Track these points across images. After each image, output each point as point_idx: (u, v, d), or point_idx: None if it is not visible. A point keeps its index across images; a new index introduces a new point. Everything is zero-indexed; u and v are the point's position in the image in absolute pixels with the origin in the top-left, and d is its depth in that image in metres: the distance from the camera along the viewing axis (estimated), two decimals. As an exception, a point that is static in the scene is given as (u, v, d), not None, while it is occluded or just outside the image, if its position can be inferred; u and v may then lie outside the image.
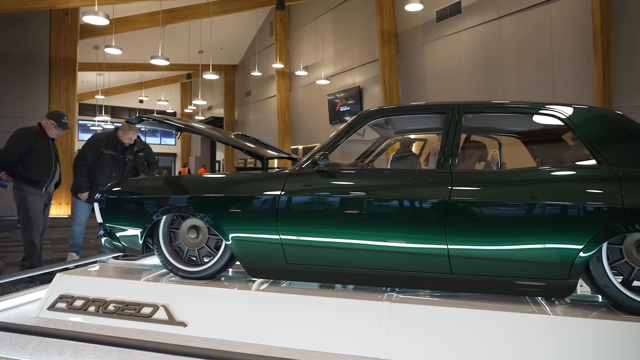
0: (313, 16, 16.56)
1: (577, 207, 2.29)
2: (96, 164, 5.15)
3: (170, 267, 3.00)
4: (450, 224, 2.41)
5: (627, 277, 2.36)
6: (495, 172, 2.66)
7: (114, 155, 5.22)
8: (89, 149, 5.16)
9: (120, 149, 5.27)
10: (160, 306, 2.75)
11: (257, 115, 21.27)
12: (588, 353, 2.15)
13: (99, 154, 5.14)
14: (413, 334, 2.35)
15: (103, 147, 5.16)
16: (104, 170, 5.16)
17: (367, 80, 14.03)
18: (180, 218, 3.04)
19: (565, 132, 3.06)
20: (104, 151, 5.15)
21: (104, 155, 5.16)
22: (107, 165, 5.17)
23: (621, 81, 8.11)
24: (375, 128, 3.50)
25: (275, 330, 2.53)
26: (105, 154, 5.16)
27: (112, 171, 5.21)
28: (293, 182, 2.71)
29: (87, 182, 5.09)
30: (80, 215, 5.24)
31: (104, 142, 5.20)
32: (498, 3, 10.15)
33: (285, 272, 2.75)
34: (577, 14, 8.74)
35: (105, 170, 5.16)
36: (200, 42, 17.19)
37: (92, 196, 5.06)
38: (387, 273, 2.56)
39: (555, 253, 2.30)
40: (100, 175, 5.14)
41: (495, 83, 10.30)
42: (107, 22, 8.75)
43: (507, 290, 2.47)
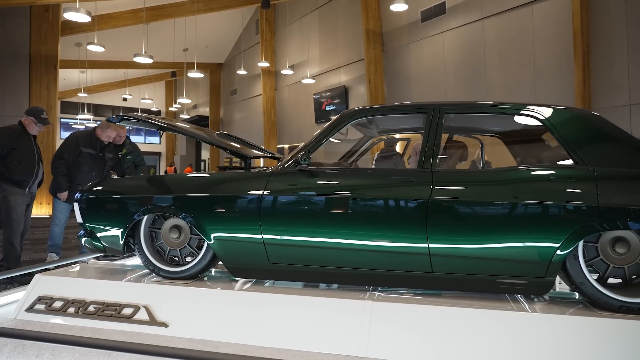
0: (299, 15, 16.53)
1: (555, 206, 2.33)
2: (75, 163, 5.05)
3: (152, 268, 2.97)
4: (431, 223, 2.43)
5: (603, 274, 2.41)
6: (475, 172, 2.70)
7: (93, 153, 5.14)
8: (67, 148, 5.06)
9: (100, 147, 5.19)
10: (142, 307, 2.73)
11: (243, 114, 21.17)
12: (565, 349, 2.19)
13: (78, 153, 5.05)
14: (394, 332, 2.37)
15: (82, 146, 5.08)
16: (83, 169, 5.07)
17: (352, 79, 14.07)
18: (161, 218, 3.02)
19: (544, 133, 3.11)
20: (82, 150, 5.07)
21: (83, 153, 5.07)
22: (86, 164, 5.09)
23: (600, 82, 8.27)
24: (358, 127, 3.51)
25: (258, 330, 2.53)
26: (84, 153, 5.08)
27: (92, 170, 5.13)
28: (275, 182, 2.71)
29: (66, 182, 5.01)
30: (60, 216, 5.16)
31: (82, 140, 5.11)
32: (482, 4, 10.27)
33: (268, 271, 2.75)
34: (558, 16, 8.89)
35: (84, 169, 5.08)
36: (185, 40, 17.04)
37: (71, 196, 4.99)
38: (369, 272, 2.58)
39: (533, 251, 2.34)
40: (79, 174, 5.06)
41: (479, 83, 10.41)
42: (89, 19, 8.61)
43: (486, 288, 2.51)
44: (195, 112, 25.93)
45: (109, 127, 5.17)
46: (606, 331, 2.19)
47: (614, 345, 2.16)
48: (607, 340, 2.17)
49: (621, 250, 2.38)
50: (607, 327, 2.20)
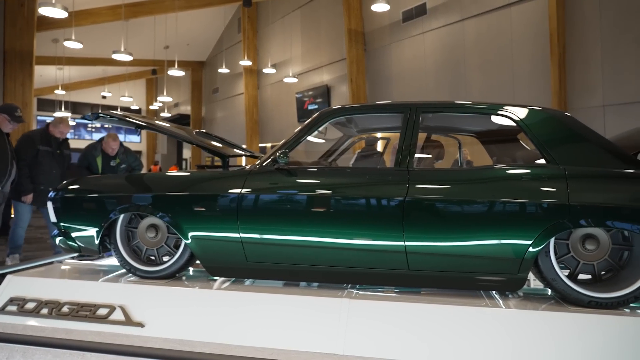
0: (281, 14, 16.49)
1: (527, 204, 2.38)
2: (34, 162, 4.90)
3: (128, 267, 2.94)
4: (407, 221, 2.46)
5: (573, 270, 2.48)
6: (450, 171, 2.73)
7: (50, 151, 5.01)
8: (24, 148, 4.90)
9: (55, 143, 5.06)
10: (117, 307, 2.69)
11: (225, 113, 21.02)
12: (537, 344, 2.24)
13: (35, 152, 4.90)
14: (371, 330, 2.39)
15: (38, 144, 4.93)
16: (43, 168, 4.93)
17: (335, 78, 14.10)
18: (138, 217, 2.98)
19: (518, 132, 3.17)
20: (40, 148, 4.92)
21: (41, 152, 4.93)
22: (45, 163, 4.95)
23: (575, 83, 8.47)
24: (337, 127, 3.53)
25: (235, 329, 2.52)
26: (41, 151, 4.94)
27: (52, 168, 5.00)
28: (253, 181, 2.71)
29: (30, 183, 4.85)
30: (24, 217, 5.00)
31: (37, 138, 4.97)
32: (462, 5, 10.40)
33: (246, 270, 2.74)
34: (535, 19, 9.06)
35: (44, 167, 4.94)
36: (166, 37, 16.84)
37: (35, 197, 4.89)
38: (346, 270, 2.59)
39: (506, 248, 2.39)
40: (40, 173, 4.91)
41: (459, 83, 10.55)
42: (66, 15, 8.45)
43: (462, 285, 2.55)
44: (177, 111, 25.65)
45: (62, 123, 5.05)
46: (575, 326, 2.25)
47: (583, 339, 2.22)
48: (576, 334, 2.23)
49: (591, 247, 2.44)
50: (576, 322, 2.26)
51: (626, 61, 7.81)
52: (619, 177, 2.43)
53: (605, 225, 2.34)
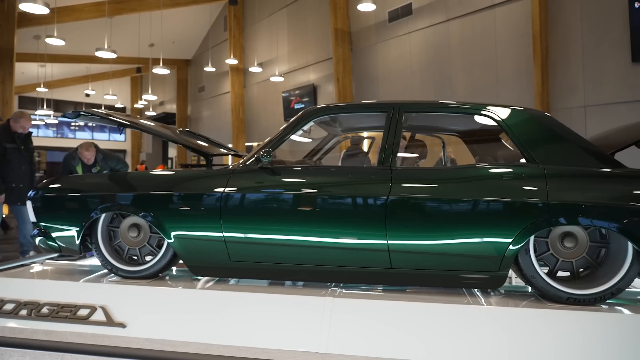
0: (267, 12, 16.43)
1: (507, 202, 2.42)
2: (2, 161, 4.82)
3: (110, 267, 2.90)
4: (389, 220, 2.48)
5: (552, 268, 2.52)
6: (433, 170, 2.76)
7: (16, 147, 4.92)
8: None
9: (19, 140, 4.97)
10: (98, 307, 2.66)
11: (211, 112, 20.88)
12: (517, 340, 2.27)
13: (3, 150, 4.83)
14: (353, 328, 2.40)
15: (4, 142, 4.85)
16: (12, 166, 4.85)
17: (321, 78, 14.10)
18: (120, 216, 2.95)
19: (500, 132, 3.22)
20: (6, 146, 4.84)
21: (8, 150, 4.85)
22: (14, 160, 4.87)
23: (557, 84, 8.61)
24: (322, 126, 3.54)
25: (218, 329, 2.51)
26: (8, 149, 4.86)
27: (21, 164, 4.92)
28: (236, 180, 2.70)
29: (1, 183, 4.78)
30: None
31: (2, 136, 4.89)
32: (447, 6, 10.49)
33: (229, 269, 2.73)
34: (518, 20, 9.18)
35: (13, 165, 4.86)
36: (151, 35, 16.65)
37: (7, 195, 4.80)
38: (330, 269, 2.60)
39: (487, 246, 2.42)
40: (10, 171, 4.83)
41: (444, 83, 10.64)
42: (47, 11, 8.30)
43: (443, 282, 2.58)
44: (162, 109, 25.39)
45: (22, 117, 4.96)
46: (554, 322, 2.29)
47: (561, 335, 2.26)
48: (555, 330, 2.27)
49: (569, 244, 2.49)
50: (555, 318, 2.30)
51: (606, 63, 7.96)
52: (596, 176, 2.47)
53: (583, 223, 2.38)
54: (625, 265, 2.37)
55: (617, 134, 2.94)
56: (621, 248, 2.42)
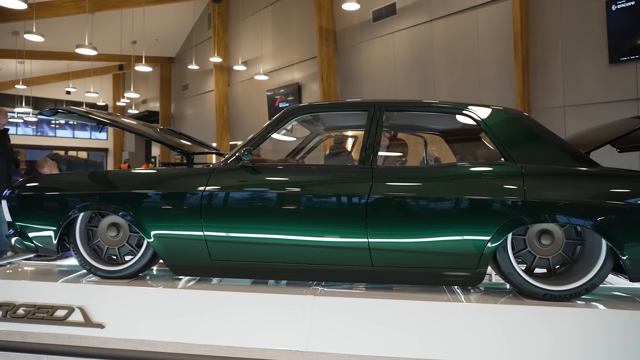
0: (252, 11, 16.35)
1: (485, 200, 2.45)
2: None
3: (89, 267, 2.86)
4: (370, 218, 2.49)
5: (530, 265, 2.57)
6: (413, 168, 2.78)
7: None
8: None
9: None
10: (76, 308, 2.62)
11: (195, 110, 20.69)
12: (500, 335, 2.31)
13: None
14: (334, 326, 2.41)
15: None
16: None
17: (306, 76, 14.09)
18: (98, 215, 2.91)
19: (480, 131, 3.25)
20: None
21: None
22: None
23: (538, 85, 8.75)
24: (304, 124, 3.54)
25: (199, 328, 2.50)
26: None
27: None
28: (217, 178, 2.68)
29: None
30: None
31: None
32: (430, 6, 10.57)
33: (210, 268, 2.72)
34: (500, 21, 9.30)
35: None
36: (133, 32, 16.41)
37: None
38: (310, 267, 2.61)
39: (466, 244, 2.45)
40: None
41: (428, 83, 10.73)
42: (25, 6, 8.12)
43: (423, 280, 2.60)
44: (145, 107, 25.07)
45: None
46: (531, 318, 2.33)
47: (538, 330, 2.30)
48: (532, 326, 2.31)
49: (546, 242, 2.54)
50: (531, 314, 2.34)
51: (585, 64, 8.12)
52: (572, 175, 2.52)
53: (559, 220, 2.43)
54: (599, 261, 2.43)
55: (593, 134, 3.00)
56: (595, 245, 2.47)
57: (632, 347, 2.22)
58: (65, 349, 2.21)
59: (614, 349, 2.23)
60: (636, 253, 2.36)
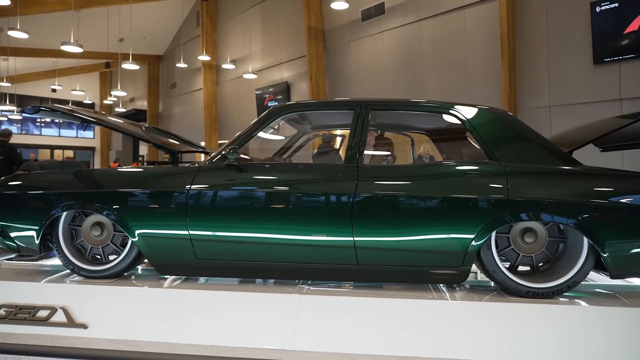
0: (241, 9, 16.28)
1: (470, 199, 2.47)
2: None
3: (72, 267, 2.83)
4: (355, 217, 2.50)
5: (513, 262, 2.59)
6: (398, 167, 2.80)
7: None
8: None
9: None
10: (59, 308, 2.59)
11: (183, 109, 20.55)
12: (485, 332, 2.33)
13: None
14: (319, 324, 2.41)
15: None
16: None
17: (295, 75, 14.07)
18: (82, 214, 2.88)
19: (464, 130, 3.28)
20: None
21: None
22: None
23: (524, 85, 8.84)
24: (291, 123, 3.53)
25: (184, 327, 2.48)
26: None
27: None
28: (202, 177, 2.67)
29: None
30: None
31: None
32: (418, 6, 10.62)
33: (195, 268, 2.70)
34: (487, 22, 9.38)
35: None
36: (120, 29, 16.24)
37: None
38: (296, 266, 2.60)
39: (451, 242, 2.47)
40: None
41: (416, 83, 10.78)
42: (9, 2, 7.99)
43: (408, 278, 2.62)
44: (133, 106, 24.83)
45: None
46: (514, 315, 2.36)
47: (521, 327, 2.32)
48: (516, 323, 2.34)
49: (529, 240, 2.57)
50: (515, 311, 2.36)
51: (570, 64, 8.23)
52: (555, 173, 2.55)
53: (542, 219, 2.46)
54: (580, 259, 2.46)
55: (577, 133, 3.04)
56: (577, 243, 2.51)
57: (614, 343, 2.26)
58: (47, 350, 2.19)
59: (595, 345, 2.26)
60: (617, 250, 2.39)
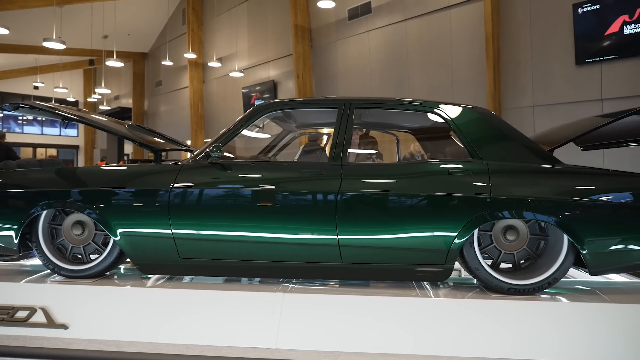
0: (227, 7, 16.18)
1: (453, 197, 2.49)
2: None
3: (52, 267, 2.78)
4: (339, 215, 2.50)
5: (495, 260, 2.62)
6: (383, 165, 2.81)
7: None
8: None
9: None
10: (38, 308, 2.54)
11: (169, 107, 20.35)
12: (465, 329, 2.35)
13: None
14: (303, 322, 2.41)
15: None
16: None
17: (281, 74, 14.03)
18: (63, 213, 2.83)
19: (449, 129, 3.30)
20: None
21: None
22: None
23: (508, 85, 8.95)
24: (276, 121, 3.52)
25: (167, 327, 2.46)
26: None
27: None
28: (185, 175, 2.65)
29: None
30: None
31: None
32: (405, 5, 10.67)
33: (179, 266, 2.68)
34: (472, 22, 9.46)
35: None
36: (104, 26, 16.01)
37: None
38: (280, 264, 2.60)
39: (433, 240, 2.48)
40: None
41: (402, 82, 10.83)
42: (-12, -2, 7.81)
43: (392, 276, 2.63)
44: (117, 104, 24.52)
45: None
46: (496, 312, 2.38)
47: (503, 323, 2.35)
48: (497, 319, 2.36)
49: (511, 237, 2.60)
50: (497, 308, 2.39)
51: (553, 65, 8.35)
52: (536, 172, 2.59)
53: (523, 216, 2.49)
54: (560, 256, 2.50)
55: (558, 132, 3.09)
56: (557, 240, 2.54)
57: (594, 338, 2.30)
58: (26, 351, 2.15)
59: (576, 341, 2.30)
60: (596, 248, 2.44)
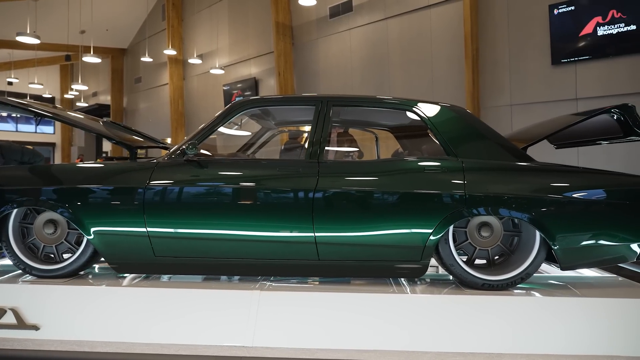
0: (207, 3, 16.01)
1: (428, 194, 2.52)
2: None
3: (23, 267, 2.71)
4: (316, 212, 2.50)
5: (471, 256, 2.66)
6: (359, 163, 2.83)
7: None
8: None
9: None
10: (8, 309, 2.48)
11: (149, 104, 20.06)
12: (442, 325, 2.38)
13: None
14: (280, 320, 2.41)
15: None
16: None
17: (263, 71, 13.96)
18: (34, 212, 2.77)
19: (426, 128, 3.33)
20: None
21: None
22: None
23: (487, 84, 9.08)
24: (254, 119, 3.50)
25: (141, 327, 2.43)
26: None
27: None
28: (160, 172, 2.62)
29: None
30: None
31: None
32: (385, 4, 10.72)
33: (154, 265, 2.65)
34: (452, 21, 9.57)
35: None
36: (81, 21, 15.67)
37: None
38: (257, 262, 2.59)
39: (409, 237, 2.51)
40: None
41: (383, 80, 10.89)
42: (-42, -10, 7.56)
43: (368, 273, 2.65)
44: (95, 100, 24.05)
45: None
46: (471, 307, 2.42)
47: (478, 318, 2.39)
48: (472, 314, 2.41)
49: (486, 234, 2.64)
50: (471, 303, 2.43)
51: (529, 64, 8.50)
52: (510, 169, 2.64)
53: (497, 213, 2.53)
54: (533, 252, 2.55)
55: (532, 130, 3.15)
56: (530, 236, 2.60)
57: (567, 331, 2.35)
58: (-6, 353, 2.09)
59: (550, 334, 2.35)
60: (567, 243, 2.49)
